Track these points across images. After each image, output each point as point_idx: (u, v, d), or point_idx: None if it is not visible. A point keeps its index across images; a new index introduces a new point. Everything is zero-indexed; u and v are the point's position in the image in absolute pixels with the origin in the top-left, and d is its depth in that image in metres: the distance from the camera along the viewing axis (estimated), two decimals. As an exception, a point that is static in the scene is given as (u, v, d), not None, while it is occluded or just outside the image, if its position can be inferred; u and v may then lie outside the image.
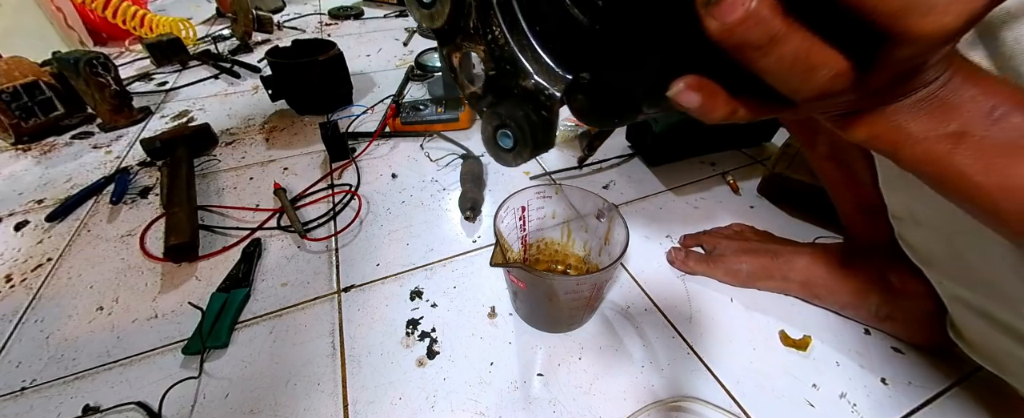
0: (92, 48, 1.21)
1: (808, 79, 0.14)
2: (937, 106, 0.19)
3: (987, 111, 0.19)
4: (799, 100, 0.15)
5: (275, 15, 1.41)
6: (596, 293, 0.41)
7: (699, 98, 0.15)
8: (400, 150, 0.75)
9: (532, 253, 0.49)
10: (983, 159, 0.19)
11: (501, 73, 0.18)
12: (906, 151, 0.20)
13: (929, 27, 0.11)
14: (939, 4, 0.11)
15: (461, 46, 0.19)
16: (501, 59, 0.18)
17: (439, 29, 0.18)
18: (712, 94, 0.15)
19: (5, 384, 0.42)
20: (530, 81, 0.18)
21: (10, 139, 0.78)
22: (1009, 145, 0.19)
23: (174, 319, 0.48)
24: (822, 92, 0.14)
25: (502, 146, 0.19)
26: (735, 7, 0.12)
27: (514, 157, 0.19)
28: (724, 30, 0.12)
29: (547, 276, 0.39)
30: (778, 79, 0.14)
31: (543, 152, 0.19)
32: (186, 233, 0.54)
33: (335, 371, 0.43)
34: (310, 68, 0.81)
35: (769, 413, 0.39)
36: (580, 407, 0.39)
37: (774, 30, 0.12)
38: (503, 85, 0.18)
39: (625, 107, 0.16)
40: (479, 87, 0.19)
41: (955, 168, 0.20)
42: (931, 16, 0.11)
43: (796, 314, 0.47)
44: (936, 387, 0.41)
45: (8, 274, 0.54)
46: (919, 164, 0.20)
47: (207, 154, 0.75)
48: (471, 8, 0.17)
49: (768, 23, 0.12)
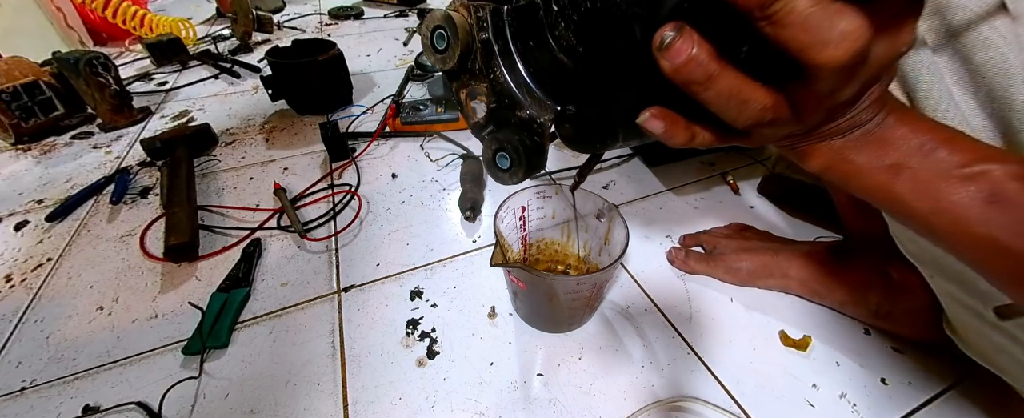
0: (92, 48, 1.21)
1: (743, 110, 0.17)
2: (876, 142, 0.23)
3: (917, 147, 0.23)
4: (741, 128, 0.18)
5: (275, 15, 1.41)
6: (596, 293, 0.41)
7: (663, 124, 0.18)
8: (400, 150, 0.75)
9: (532, 253, 0.49)
10: (918, 187, 0.23)
11: (500, 105, 0.21)
12: (855, 181, 0.24)
13: (827, 58, 0.15)
14: (832, 41, 0.14)
15: (467, 84, 0.22)
16: (500, 94, 0.21)
17: (449, 70, 0.21)
18: (673, 121, 0.18)
19: (5, 384, 0.42)
20: (525, 112, 0.21)
21: (10, 139, 0.78)
22: (937, 175, 0.23)
23: (174, 319, 0.48)
24: (757, 121, 0.17)
25: (500, 166, 0.22)
26: (681, 52, 0.15)
27: (511, 176, 0.22)
28: (673, 69, 0.16)
29: (547, 276, 0.39)
30: (720, 110, 0.17)
31: (536, 173, 0.22)
32: (186, 233, 0.54)
33: (335, 371, 0.43)
34: (310, 68, 0.81)
35: (769, 413, 0.39)
36: (580, 407, 0.39)
37: (711, 71, 0.16)
38: (502, 115, 0.22)
39: (604, 134, 0.19)
40: (482, 117, 0.23)
41: (896, 195, 0.24)
42: (827, 50, 0.14)
43: (796, 314, 0.47)
44: (936, 387, 0.41)
45: (8, 274, 0.54)
46: (868, 192, 0.25)
47: (207, 154, 0.75)
48: (476, 54, 0.21)
49: (706, 65, 0.16)
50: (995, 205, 0.22)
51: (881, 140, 0.23)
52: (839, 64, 0.15)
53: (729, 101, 0.17)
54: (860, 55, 0.15)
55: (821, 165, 0.24)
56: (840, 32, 0.14)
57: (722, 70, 0.16)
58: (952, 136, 0.23)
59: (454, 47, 0.21)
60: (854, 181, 0.25)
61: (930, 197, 0.23)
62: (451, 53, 0.21)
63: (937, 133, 0.23)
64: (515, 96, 0.21)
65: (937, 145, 0.23)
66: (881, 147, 0.23)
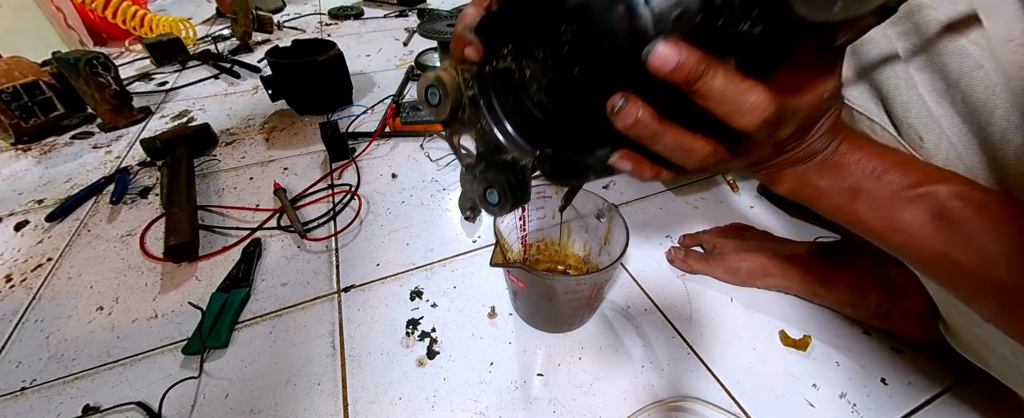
0: (92, 48, 1.21)
1: (688, 157, 0.20)
2: (833, 167, 0.26)
3: (870, 171, 0.25)
4: (691, 170, 0.21)
5: (275, 15, 1.41)
6: (596, 293, 0.41)
7: (630, 164, 0.21)
8: (400, 150, 0.75)
9: (532, 253, 0.49)
10: (874, 208, 0.26)
11: (487, 149, 0.25)
12: (819, 202, 0.27)
13: (743, 123, 0.18)
14: (744, 111, 0.17)
15: (458, 130, 0.25)
16: (487, 140, 0.25)
17: (443, 120, 0.25)
18: (638, 162, 0.21)
19: (5, 384, 0.42)
20: (508, 156, 0.24)
21: (10, 139, 0.78)
22: (890, 196, 0.25)
23: (174, 319, 0.48)
24: (701, 165, 0.20)
25: (490, 201, 0.25)
26: (629, 116, 0.18)
27: (499, 209, 0.25)
28: (624, 129, 0.18)
29: (547, 276, 0.39)
30: (670, 157, 0.20)
31: (521, 205, 0.25)
32: (186, 233, 0.54)
33: (335, 371, 0.43)
34: (310, 68, 0.81)
35: (769, 413, 0.39)
36: (580, 407, 0.39)
37: (655, 129, 0.18)
38: (489, 157, 0.25)
39: (578, 172, 0.23)
40: (472, 159, 0.26)
41: (857, 215, 0.26)
42: (743, 118, 0.18)
43: (796, 314, 0.47)
44: (936, 387, 0.41)
45: (8, 274, 0.54)
46: (831, 212, 0.27)
47: (207, 154, 0.75)
48: (465, 107, 0.24)
49: (650, 125, 0.18)
50: (943, 223, 0.24)
51: (837, 165, 0.26)
52: (755, 128, 0.18)
53: (675, 151, 0.19)
54: (772, 119, 0.18)
55: (789, 188, 0.27)
56: (750, 105, 0.17)
57: (664, 128, 0.18)
58: (901, 160, 0.26)
59: (445, 102, 0.24)
60: (818, 202, 0.27)
61: (886, 217, 0.25)
62: (443, 107, 0.24)
63: (887, 157, 0.25)
64: (499, 142, 0.24)
65: (887, 168, 0.25)
66: (839, 172, 0.26)
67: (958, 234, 0.24)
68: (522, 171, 0.24)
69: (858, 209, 0.26)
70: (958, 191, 0.24)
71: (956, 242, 0.24)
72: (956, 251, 0.24)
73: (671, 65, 0.16)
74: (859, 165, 0.26)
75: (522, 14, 0.21)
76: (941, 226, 0.24)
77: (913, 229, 0.25)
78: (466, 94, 0.24)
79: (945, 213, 0.24)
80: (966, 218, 0.24)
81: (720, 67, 0.17)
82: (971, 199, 0.24)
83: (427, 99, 0.25)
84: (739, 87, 0.17)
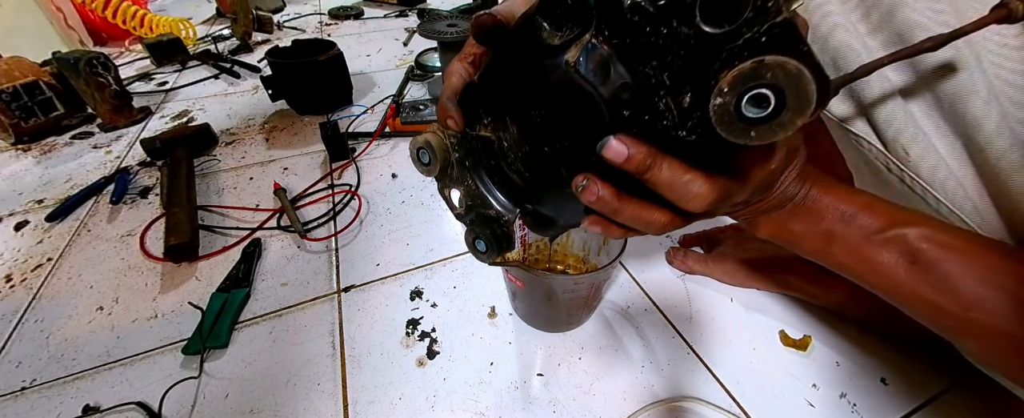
0: (92, 48, 1.21)
1: (648, 227, 0.22)
2: (806, 212, 0.27)
3: (841, 215, 0.26)
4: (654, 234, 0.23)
5: (275, 15, 1.41)
6: (594, 292, 0.41)
7: (599, 229, 0.23)
8: (400, 150, 0.75)
9: (531, 253, 0.49)
10: (849, 250, 0.27)
11: (474, 204, 0.27)
12: (797, 246, 0.28)
13: (691, 208, 0.20)
14: (689, 199, 0.19)
15: (448, 185, 0.28)
16: (474, 196, 0.27)
17: (435, 177, 0.28)
18: (607, 226, 0.23)
19: (5, 384, 0.42)
20: (492, 210, 0.27)
21: (10, 139, 0.78)
22: (862, 240, 0.26)
23: (174, 319, 0.48)
24: (662, 232, 0.22)
25: (479, 249, 0.28)
26: (591, 193, 0.20)
27: (488, 257, 0.28)
28: (588, 204, 0.21)
29: (545, 275, 0.39)
30: (632, 226, 0.22)
31: (508, 252, 0.28)
32: (186, 233, 0.54)
33: (335, 371, 0.43)
34: (310, 68, 0.81)
35: (769, 413, 0.39)
36: (580, 407, 0.39)
37: (615, 205, 0.20)
38: (477, 211, 0.27)
39: (555, 228, 0.26)
40: (462, 210, 0.28)
41: (834, 258, 0.28)
42: (689, 204, 0.19)
43: (796, 314, 0.47)
44: (936, 387, 0.41)
45: (8, 274, 0.54)
46: (810, 255, 0.29)
47: (207, 154, 0.75)
48: (453, 167, 0.27)
49: (611, 202, 0.20)
50: (916, 265, 0.25)
51: (809, 210, 0.27)
52: (701, 211, 0.20)
53: (635, 222, 0.21)
54: (715, 204, 0.20)
55: (767, 233, 0.28)
56: (693, 194, 0.19)
57: (623, 203, 0.20)
58: (869, 203, 0.27)
59: (435, 162, 0.27)
60: (796, 246, 0.29)
61: (861, 259, 0.27)
62: (433, 166, 0.27)
63: (854, 201, 0.27)
64: (484, 199, 0.27)
65: (857, 212, 0.26)
66: (812, 216, 0.27)
67: (931, 276, 0.25)
68: (506, 224, 0.27)
69: (834, 252, 0.27)
70: (927, 234, 0.25)
71: (930, 283, 0.25)
72: (931, 293, 0.25)
73: (622, 158, 0.18)
74: (830, 210, 0.27)
75: (498, 93, 0.23)
76: (914, 269, 0.25)
77: (889, 271, 0.26)
78: (453, 155, 0.27)
79: (916, 256, 0.25)
80: (937, 260, 0.25)
81: (665, 161, 0.18)
82: (939, 241, 0.25)
83: (418, 158, 0.27)
84: (683, 179, 0.19)
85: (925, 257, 0.25)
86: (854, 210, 0.26)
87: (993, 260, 0.25)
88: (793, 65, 0.14)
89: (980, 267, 0.25)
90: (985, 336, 0.25)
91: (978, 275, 0.24)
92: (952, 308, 0.25)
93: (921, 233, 0.25)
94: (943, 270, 0.25)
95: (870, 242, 0.26)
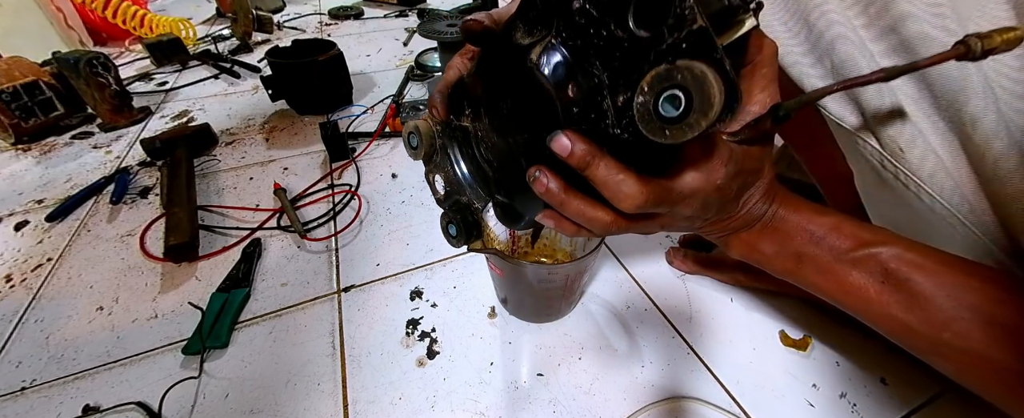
0: (92, 48, 1.21)
1: (591, 224, 0.23)
2: (773, 232, 0.27)
3: (809, 236, 0.27)
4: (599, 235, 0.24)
5: (275, 15, 1.41)
6: (569, 284, 0.41)
7: (552, 222, 0.24)
8: (400, 150, 0.75)
9: (521, 246, 0.49)
10: (820, 271, 0.27)
11: (452, 190, 0.30)
12: (768, 267, 0.29)
13: (623, 208, 0.21)
14: (620, 198, 0.20)
15: (433, 171, 0.30)
16: (452, 182, 0.29)
17: (421, 160, 0.30)
18: (558, 221, 0.24)
19: (5, 384, 0.42)
20: (465, 198, 0.29)
21: (10, 139, 0.78)
22: (833, 260, 0.26)
23: (174, 319, 0.48)
24: (605, 232, 0.23)
25: (450, 233, 0.30)
26: (541, 184, 0.22)
27: (457, 241, 0.30)
28: (540, 194, 0.22)
29: (520, 263, 0.39)
30: (577, 222, 0.23)
31: (475, 241, 0.30)
32: (186, 233, 0.54)
33: (335, 371, 0.43)
34: (310, 68, 0.81)
35: (769, 413, 0.39)
36: (580, 407, 0.40)
37: (562, 198, 0.22)
38: (453, 196, 0.30)
39: (523, 222, 0.27)
40: (441, 195, 0.30)
41: (806, 278, 0.28)
42: (621, 203, 0.20)
43: (796, 314, 0.47)
44: (936, 387, 0.41)
45: (8, 274, 0.54)
46: (784, 275, 0.29)
47: (207, 154, 0.75)
48: (437, 153, 0.29)
49: (558, 194, 0.22)
50: (887, 285, 0.25)
51: (777, 231, 0.27)
52: (631, 211, 0.21)
53: (580, 218, 0.22)
54: (646, 206, 0.21)
55: (739, 253, 0.29)
56: (624, 193, 0.20)
57: (569, 197, 0.22)
58: (837, 223, 0.27)
59: (421, 146, 0.29)
60: (768, 266, 0.29)
61: (833, 280, 0.27)
62: (420, 150, 0.29)
63: (824, 221, 0.27)
64: (460, 185, 0.29)
65: (826, 233, 0.26)
66: (781, 237, 0.27)
67: (903, 296, 0.25)
68: (476, 212, 0.29)
69: (805, 273, 0.27)
70: (896, 253, 0.25)
71: (902, 304, 0.25)
72: (902, 312, 0.25)
73: (565, 152, 0.20)
74: (799, 231, 0.27)
75: (478, 87, 0.25)
76: (886, 289, 0.25)
77: (860, 292, 0.26)
78: (438, 142, 0.29)
79: (888, 275, 0.25)
80: (908, 281, 0.25)
81: (602, 159, 0.20)
82: (908, 260, 0.25)
83: (408, 142, 0.30)
84: (616, 177, 0.20)
85: (896, 277, 0.25)
86: (823, 231, 0.27)
87: (961, 278, 0.25)
88: (699, 69, 0.14)
89: (950, 285, 0.24)
90: (958, 358, 0.25)
91: (947, 293, 0.24)
92: (924, 329, 0.25)
93: (892, 253, 0.25)
94: (914, 290, 0.25)
95: (840, 262, 0.26)
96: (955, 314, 0.24)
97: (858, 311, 0.27)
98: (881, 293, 0.25)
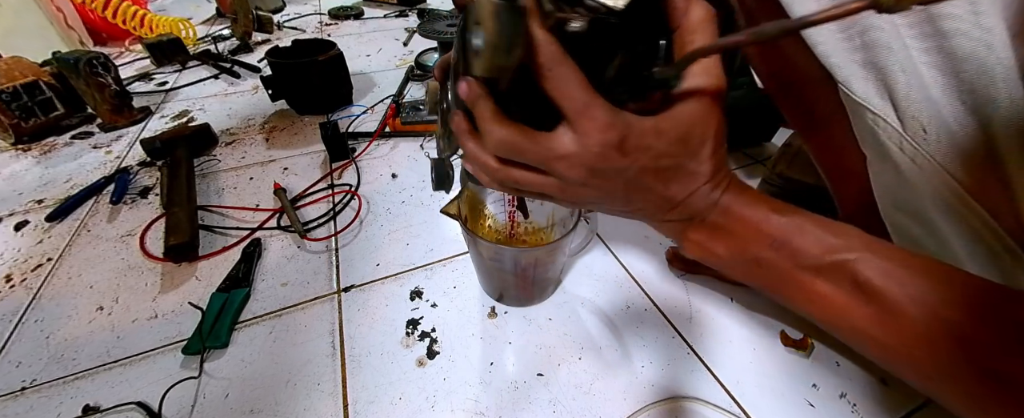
0: (92, 48, 1.21)
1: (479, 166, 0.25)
2: (724, 233, 0.25)
3: (769, 241, 0.24)
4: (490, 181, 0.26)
5: (275, 15, 1.41)
6: (523, 272, 0.43)
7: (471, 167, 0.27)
8: (400, 150, 0.75)
9: (519, 233, 0.49)
10: (783, 277, 0.25)
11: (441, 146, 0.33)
12: (728, 271, 0.27)
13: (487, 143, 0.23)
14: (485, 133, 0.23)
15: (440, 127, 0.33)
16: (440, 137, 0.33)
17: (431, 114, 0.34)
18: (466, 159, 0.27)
19: (5, 384, 0.42)
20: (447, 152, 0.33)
21: (10, 139, 0.78)
22: (796, 267, 0.24)
23: (174, 319, 0.48)
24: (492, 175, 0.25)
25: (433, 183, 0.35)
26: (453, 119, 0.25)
27: (434, 188, 0.35)
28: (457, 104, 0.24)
29: (476, 238, 0.39)
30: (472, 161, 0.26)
31: (446, 189, 0.36)
32: (186, 233, 0.54)
33: (335, 371, 0.43)
34: (310, 68, 0.81)
35: (769, 413, 0.39)
36: (580, 407, 0.39)
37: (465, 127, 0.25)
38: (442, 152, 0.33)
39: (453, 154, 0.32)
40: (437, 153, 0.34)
41: (768, 285, 0.26)
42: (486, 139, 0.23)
43: (796, 314, 0.47)
44: (936, 387, 0.41)
45: (8, 274, 0.54)
46: (745, 279, 0.27)
47: (207, 154, 0.75)
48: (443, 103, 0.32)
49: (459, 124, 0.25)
50: (856, 295, 0.23)
51: (731, 232, 0.25)
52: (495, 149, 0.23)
53: (471, 157, 0.25)
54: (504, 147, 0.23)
55: (695, 255, 0.27)
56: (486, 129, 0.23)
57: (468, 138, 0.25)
58: (799, 224, 0.24)
59: (429, 102, 0.33)
60: (727, 271, 0.27)
61: (797, 287, 0.25)
62: (430, 108, 0.33)
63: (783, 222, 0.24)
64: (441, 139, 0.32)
65: (787, 238, 0.24)
66: (735, 240, 0.25)
67: (874, 309, 0.23)
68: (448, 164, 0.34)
69: (767, 279, 0.26)
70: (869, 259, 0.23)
71: (871, 317, 0.23)
72: (870, 326, 0.23)
73: (462, 93, 0.22)
74: (754, 233, 0.25)
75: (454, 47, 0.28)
76: (855, 299, 0.23)
77: (827, 302, 0.24)
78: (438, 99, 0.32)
79: (861, 286, 0.23)
80: (879, 290, 0.22)
81: (485, 100, 0.22)
82: (880, 268, 0.23)
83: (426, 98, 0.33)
84: (486, 114, 0.22)
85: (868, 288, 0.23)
86: (784, 233, 0.24)
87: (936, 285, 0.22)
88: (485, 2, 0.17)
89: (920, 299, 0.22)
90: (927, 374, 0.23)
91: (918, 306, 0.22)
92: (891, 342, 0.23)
93: (863, 261, 0.23)
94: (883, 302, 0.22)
95: (806, 269, 0.24)
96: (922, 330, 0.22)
97: (822, 320, 0.25)
98: (848, 303, 0.23)
